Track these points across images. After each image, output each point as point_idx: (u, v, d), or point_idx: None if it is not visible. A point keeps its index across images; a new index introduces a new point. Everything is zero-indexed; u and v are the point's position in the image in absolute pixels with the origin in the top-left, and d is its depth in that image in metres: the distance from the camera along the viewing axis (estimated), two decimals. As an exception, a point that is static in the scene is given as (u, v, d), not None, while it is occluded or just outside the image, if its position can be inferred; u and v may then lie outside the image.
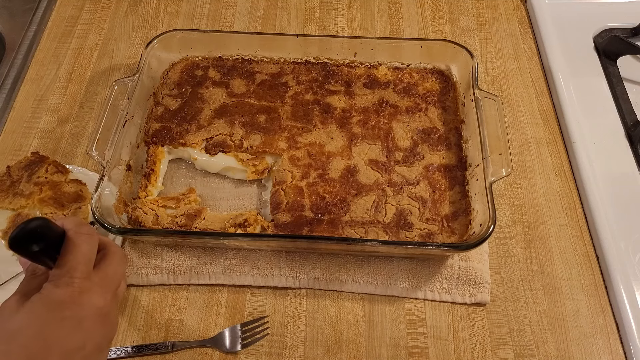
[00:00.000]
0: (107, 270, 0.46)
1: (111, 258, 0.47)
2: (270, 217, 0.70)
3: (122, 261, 0.49)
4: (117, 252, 0.48)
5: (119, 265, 0.48)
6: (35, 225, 0.39)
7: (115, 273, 0.47)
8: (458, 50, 0.79)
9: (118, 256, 0.48)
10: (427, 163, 0.74)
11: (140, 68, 0.76)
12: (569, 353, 0.65)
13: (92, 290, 0.43)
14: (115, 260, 0.48)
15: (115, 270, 0.47)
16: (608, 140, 0.81)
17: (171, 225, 0.69)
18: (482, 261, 0.70)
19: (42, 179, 0.71)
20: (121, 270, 0.48)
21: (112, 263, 0.47)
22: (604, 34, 0.94)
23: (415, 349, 0.66)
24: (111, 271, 0.46)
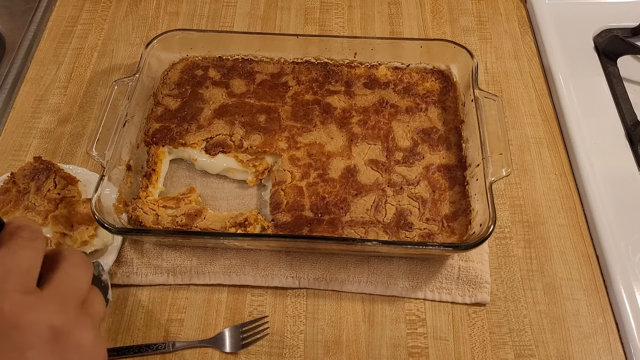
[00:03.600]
0: (58, 280, 0.33)
1: (64, 262, 0.34)
2: (270, 217, 0.70)
3: (80, 265, 0.35)
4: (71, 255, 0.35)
5: (77, 271, 0.35)
6: None
7: (72, 281, 0.34)
8: (458, 50, 0.79)
9: (74, 259, 0.35)
10: (427, 163, 0.74)
11: (140, 68, 0.76)
12: (569, 353, 0.65)
13: (38, 308, 0.30)
14: (70, 264, 0.34)
15: (72, 278, 0.34)
16: (608, 140, 0.81)
17: (172, 225, 0.69)
18: (482, 261, 0.70)
19: (54, 194, 0.71)
20: (81, 278, 0.35)
21: (65, 268, 0.34)
22: (604, 34, 0.94)
23: (415, 349, 0.66)
24: (65, 280, 0.33)
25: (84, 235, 0.67)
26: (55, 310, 0.31)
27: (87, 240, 0.67)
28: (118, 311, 0.68)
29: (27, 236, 0.32)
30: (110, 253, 0.69)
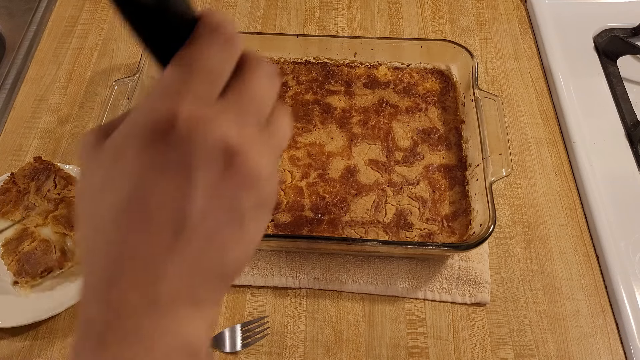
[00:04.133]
0: (241, 90, 0.27)
1: (251, 71, 0.27)
2: (270, 217, 0.70)
3: (269, 78, 0.28)
4: (259, 63, 0.28)
5: (265, 83, 0.28)
6: None
7: (257, 95, 0.27)
8: (458, 50, 0.79)
9: (263, 70, 0.28)
10: (427, 163, 0.74)
11: (141, 68, 0.76)
12: (569, 353, 0.65)
13: (215, 122, 0.25)
14: (258, 74, 0.28)
15: (258, 90, 0.27)
16: (608, 140, 0.81)
17: None
18: (482, 261, 0.70)
19: (54, 195, 0.71)
20: (268, 93, 0.28)
21: (251, 79, 0.27)
22: (604, 34, 0.94)
23: (415, 349, 0.66)
24: (250, 91, 0.27)
25: None
26: (234, 126, 0.25)
27: None
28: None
29: (223, 37, 0.26)
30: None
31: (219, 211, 0.26)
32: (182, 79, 0.25)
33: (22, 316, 0.64)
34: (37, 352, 0.65)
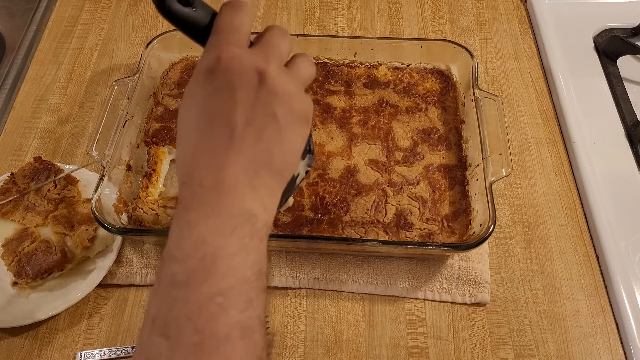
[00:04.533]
0: (262, 42, 0.39)
1: (267, 32, 0.40)
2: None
3: (282, 33, 0.41)
4: (274, 26, 0.41)
5: (278, 36, 0.40)
6: None
7: (275, 44, 0.39)
8: (458, 50, 0.79)
9: (276, 29, 0.41)
10: (427, 163, 0.74)
11: (140, 68, 0.76)
12: (569, 353, 0.65)
13: (247, 58, 0.37)
14: (272, 33, 0.40)
15: (274, 41, 0.40)
16: (608, 140, 0.81)
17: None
18: (482, 261, 0.70)
19: (54, 195, 0.71)
20: (282, 42, 0.40)
21: (268, 36, 0.40)
22: (604, 34, 0.94)
23: (415, 349, 0.66)
24: (269, 42, 0.39)
25: (84, 238, 0.67)
26: (261, 60, 0.37)
27: (89, 245, 0.67)
28: (118, 311, 0.68)
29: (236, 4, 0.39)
30: (110, 253, 0.69)
31: (259, 117, 0.36)
32: (218, 37, 0.38)
33: (22, 316, 0.64)
34: (37, 352, 0.65)
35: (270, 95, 0.37)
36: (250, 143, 0.36)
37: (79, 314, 0.67)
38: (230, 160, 0.36)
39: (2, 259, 0.66)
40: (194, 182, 0.36)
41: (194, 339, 0.32)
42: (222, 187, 0.35)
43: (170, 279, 0.34)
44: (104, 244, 0.69)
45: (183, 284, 0.33)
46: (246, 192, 0.36)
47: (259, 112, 0.36)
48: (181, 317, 0.32)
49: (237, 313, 0.33)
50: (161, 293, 0.34)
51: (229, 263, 0.34)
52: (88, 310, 0.68)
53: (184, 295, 0.33)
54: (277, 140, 0.38)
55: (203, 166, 0.36)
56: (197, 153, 0.36)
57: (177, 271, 0.34)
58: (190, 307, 0.33)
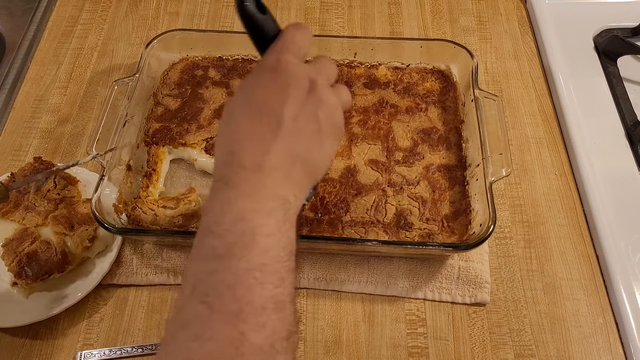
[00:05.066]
0: (314, 62, 0.46)
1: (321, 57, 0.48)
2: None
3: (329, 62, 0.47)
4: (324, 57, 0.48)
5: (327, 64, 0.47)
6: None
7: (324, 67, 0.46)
8: (458, 50, 0.79)
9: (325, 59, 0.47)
10: (427, 163, 0.74)
11: (140, 68, 0.76)
12: (569, 353, 0.65)
13: (299, 65, 0.43)
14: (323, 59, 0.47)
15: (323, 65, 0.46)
16: (608, 140, 0.81)
17: (169, 225, 0.69)
18: (482, 261, 0.70)
19: (54, 195, 0.71)
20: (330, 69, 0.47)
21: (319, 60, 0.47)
22: (604, 34, 0.94)
23: (415, 349, 0.66)
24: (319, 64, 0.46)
25: (84, 238, 0.67)
26: (314, 72, 0.43)
27: (89, 245, 0.67)
28: (118, 311, 0.68)
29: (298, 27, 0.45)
30: (110, 253, 0.69)
31: (304, 117, 0.41)
32: (281, 45, 0.43)
33: (22, 316, 0.64)
34: (37, 352, 0.65)
35: (317, 102, 0.42)
36: (293, 137, 0.41)
37: (79, 314, 0.67)
38: (273, 148, 0.40)
39: (2, 259, 0.66)
40: (235, 162, 0.39)
41: (232, 307, 0.34)
42: (262, 170, 0.39)
43: (210, 252, 0.36)
44: (104, 244, 0.69)
45: (223, 257, 0.36)
46: (282, 179, 0.40)
47: (305, 112, 0.41)
48: (221, 286, 0.35)
49: (272, 288, 0.36)
50: (201, 263, 0.37)
51: (266, 241, 0.37)
52: (88, 310, 0.68)
53: (224, 266, 0.36)
54: (316, 140, 0.42)
55: (247, 149, 0.39)
56: (243, 136, 0.40)
57: (217, 245, 0.36)
58: (230, 278, 0.35)
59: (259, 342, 0.34)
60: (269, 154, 0.39)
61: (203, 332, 0.34)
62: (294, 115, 0.41)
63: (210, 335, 0.34)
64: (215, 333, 0.34)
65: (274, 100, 0.41)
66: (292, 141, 0.41)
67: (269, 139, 0.40)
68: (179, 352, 0.34)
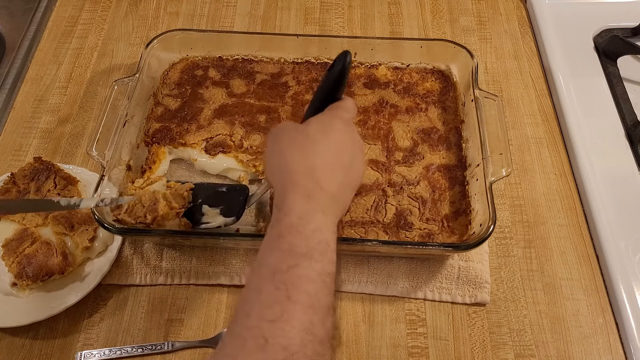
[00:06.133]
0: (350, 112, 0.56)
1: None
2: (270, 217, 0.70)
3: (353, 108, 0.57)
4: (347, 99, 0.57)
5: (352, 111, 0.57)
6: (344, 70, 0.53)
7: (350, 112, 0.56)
8: (458, 50, 0.79)
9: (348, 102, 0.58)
10: (427, 163, 0.74)
11: (140, 68, 0.76)
12: (569, 353, 0.65)
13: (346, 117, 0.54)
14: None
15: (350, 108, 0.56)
16: (608, 140, 0.81)
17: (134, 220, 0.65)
18: (482, 261, 0.70)
19: (54, 195, 0.71)
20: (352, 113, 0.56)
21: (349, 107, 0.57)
22: (604, 34, 0.94)
23: (415, 349, 0.66)
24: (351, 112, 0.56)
25: (84, 238, 0.67)
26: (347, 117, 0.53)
27: (89, 245, 0.67)
28: (118, 311, 0.68)
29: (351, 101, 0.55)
30: (110, 253, 0.69)
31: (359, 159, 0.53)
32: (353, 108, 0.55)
33: (22, 316, 0.64)
34: (37, 352, 0.65)
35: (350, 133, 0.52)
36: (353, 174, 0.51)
37: (79, 314, 0.67)
38: (344, 181, 0.49)
39: (2, 260, 0.66)
40: (316, 182, 0.47)
41: (307, 300, 0.41)
42: (334, 197, 0.48)
43: (290, 248, 0.43)
44: (104, 245, 0.69)
45: (304, 256, 0.42)
46: (343, 206, 0.50)
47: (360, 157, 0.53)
48: (300, 280, 0.41)
49: (331, 293, 0.43)
50: (280, 255, 0.43)
51: (332, 255, 0.45)
52: (88, 310, 0.68)
53: (305, 265, 0.42)
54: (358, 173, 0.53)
55: (328, 176, 0.48)
56: (325, 164, 0.48)
57: (299, 245, 0.43)
58: (309, 274, 0.42)
59: (321, 335, 0.41)
60: (340, 186, 0.48)
61: (280, 316, 0.39)
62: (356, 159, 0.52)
63: (287, 319, 0.39)
64: (291, 318, 0.39)
65: (348, 145, 0.51)
66: (352, 177, 0.51)
67: (341, 173, 0.49)
68: (256, 329, 0.39)
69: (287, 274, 0.41)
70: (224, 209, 0.66)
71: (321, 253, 0.43)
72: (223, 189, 0.69)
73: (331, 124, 0.51)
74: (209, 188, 0.69)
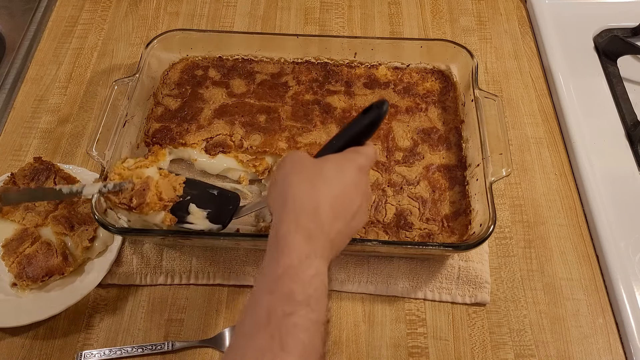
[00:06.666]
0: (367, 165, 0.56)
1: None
2: (270, 217, 0.70)
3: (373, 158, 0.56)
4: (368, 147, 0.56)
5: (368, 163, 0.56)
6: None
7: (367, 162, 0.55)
8: (458, 50, 0.79)
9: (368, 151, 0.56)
10: (427, 163, 0.74)
11: (140, 68, 0.76)
12: (569, 353, 0.65)
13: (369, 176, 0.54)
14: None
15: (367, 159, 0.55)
16: (608, 140, 0.81)
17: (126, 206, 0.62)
18: (482, 261, 0.70)
19: None
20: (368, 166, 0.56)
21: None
22: (604, 34, 0.94)
23: (415, 349, 0.66)
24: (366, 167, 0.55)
25: (84, 238, 0.67)
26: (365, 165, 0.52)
27: (89, 245, 0.67)
28: (118, 311, 0.68)
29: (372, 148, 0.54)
30: (110, 253, 0.69)
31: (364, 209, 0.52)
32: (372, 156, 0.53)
33: (22, 316, 0.64)
34: (37, 352, 0.65)
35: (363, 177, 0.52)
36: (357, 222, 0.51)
37: (79, 314, 0.67)
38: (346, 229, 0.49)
39: (2, 260, 0.66)
40: (319, 224, 0.46)
41: (300, 350, 0.40)
42: (333, 242, 0.47)
43: (288, 292, 0.41)
44: (104, 245, 0.69)
45: (301, 303, 0.41)
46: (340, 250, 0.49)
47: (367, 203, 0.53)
48: (296, 329, 0.40)
49: (324, 342, 0.42)
50: (277, 298, 0.41)
51: (328, 300, 0.44)
52: (88, 310, 0.68)
53: (301, 314, 0.41)
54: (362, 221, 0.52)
55: (331, 221, 0.47)
56: (329, 207, 0.47)
57: (297, 291, 0.42)
58: (305, 324, 0.41)
59: None
60: (339, 233, 0.47)
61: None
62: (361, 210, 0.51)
63: None
64: None
65: (357, 195, 0.50)
66: (352, 227, 0.50)
67: (344, 221, 0.48)
68: None
69: (283, 321, 0.40)
70: (211, 213, 0.64)
71: (318, 301, 0.42)
72: (215, 191, 0.67)
73: (347, 168, 0.50)
74: (200, 187, 0.67)
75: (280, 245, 0.44)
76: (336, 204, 0.48)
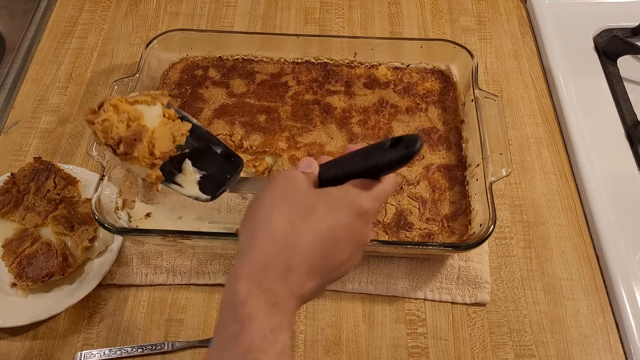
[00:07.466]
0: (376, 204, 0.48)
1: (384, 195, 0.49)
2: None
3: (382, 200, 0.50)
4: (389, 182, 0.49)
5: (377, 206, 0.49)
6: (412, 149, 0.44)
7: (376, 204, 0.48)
8: (458, 50, 0.79)
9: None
10: (427, 163, 0.74)
11: (140, 68, 0.76)
12: (569, 353, 0.65)
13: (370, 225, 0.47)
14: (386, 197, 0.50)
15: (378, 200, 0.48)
16: (608, 140, 0.81)
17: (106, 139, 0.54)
18: (482, 261, 0.70)
19: (53, 195, 0.71)
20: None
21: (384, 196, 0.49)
22: (604, 34, 0.94)
23: (415, 349, 0.66)
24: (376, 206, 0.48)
25: (84, 238, 0.67)
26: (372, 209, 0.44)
27: (89, 245, 0.67)
28: (118, 311, 0.68)
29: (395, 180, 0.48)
30: (110, 253, 0.69)
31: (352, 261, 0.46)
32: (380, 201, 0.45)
33: (22, 316, 0.64)
34: (37, 352, 0.65)
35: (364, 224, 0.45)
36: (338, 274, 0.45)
37: (79, 314, 0.67)
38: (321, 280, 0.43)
39: (2, 260, 0.66)
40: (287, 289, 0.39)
41: None
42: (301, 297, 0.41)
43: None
44: (104, 245, 0.69)
45: None
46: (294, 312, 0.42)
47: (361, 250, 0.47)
48: None
49: None
50: None
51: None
52: (88, 310, 0.68)
53: None
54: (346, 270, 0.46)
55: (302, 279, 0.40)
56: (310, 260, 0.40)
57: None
58: None
59: None
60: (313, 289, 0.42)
61: None
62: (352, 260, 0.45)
63: None
64: None
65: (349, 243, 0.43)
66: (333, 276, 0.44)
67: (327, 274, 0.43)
68: None
69: None
70: (204, 178, 0.55)
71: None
72: (219, 149, 0.57)
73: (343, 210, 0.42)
74: (205, 139, 0.57)
75: (239, 314, 0.37)
76: (316, 256, 0.41)
